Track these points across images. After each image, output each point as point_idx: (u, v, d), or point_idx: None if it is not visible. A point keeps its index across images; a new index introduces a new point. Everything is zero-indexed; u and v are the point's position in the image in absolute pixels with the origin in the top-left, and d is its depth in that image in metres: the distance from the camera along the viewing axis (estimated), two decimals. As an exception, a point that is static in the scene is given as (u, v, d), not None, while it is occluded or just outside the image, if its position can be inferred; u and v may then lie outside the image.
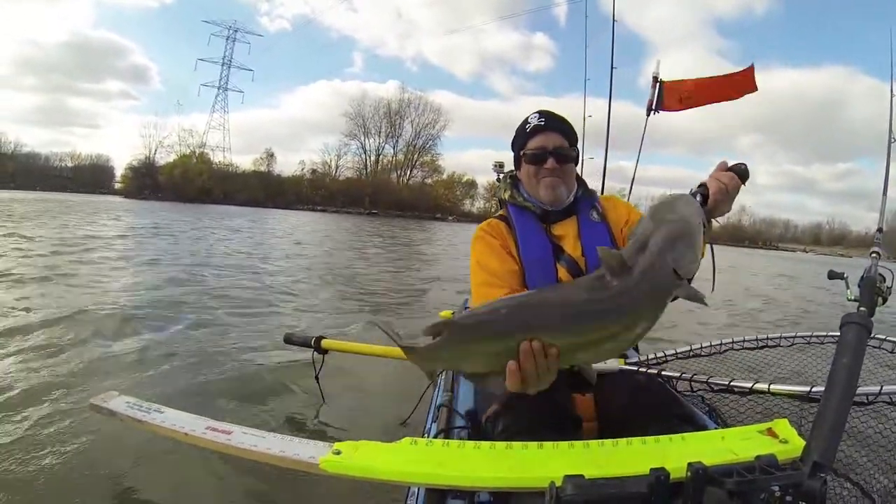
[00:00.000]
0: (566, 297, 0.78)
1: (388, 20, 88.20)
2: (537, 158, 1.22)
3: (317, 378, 2.02)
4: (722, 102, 2.53)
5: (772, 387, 1.14)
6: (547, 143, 1.22)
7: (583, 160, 1.38)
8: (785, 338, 1.41)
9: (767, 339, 1.42)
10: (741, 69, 2.54)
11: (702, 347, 1.44)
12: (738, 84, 2.51)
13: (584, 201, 1.28)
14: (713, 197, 0.89)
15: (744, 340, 1.44)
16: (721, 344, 1.44)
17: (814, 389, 1.09)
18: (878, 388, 1.04)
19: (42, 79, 74.85)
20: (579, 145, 1.31)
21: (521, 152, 1.25)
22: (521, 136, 1.26)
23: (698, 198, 0.90)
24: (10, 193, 28.54)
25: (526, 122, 1.26)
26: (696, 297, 0.77)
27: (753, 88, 2.50)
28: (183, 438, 1.10)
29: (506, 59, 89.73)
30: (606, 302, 0.74)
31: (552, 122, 1.24)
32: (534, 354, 0.74)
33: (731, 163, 0.96)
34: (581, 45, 3.40)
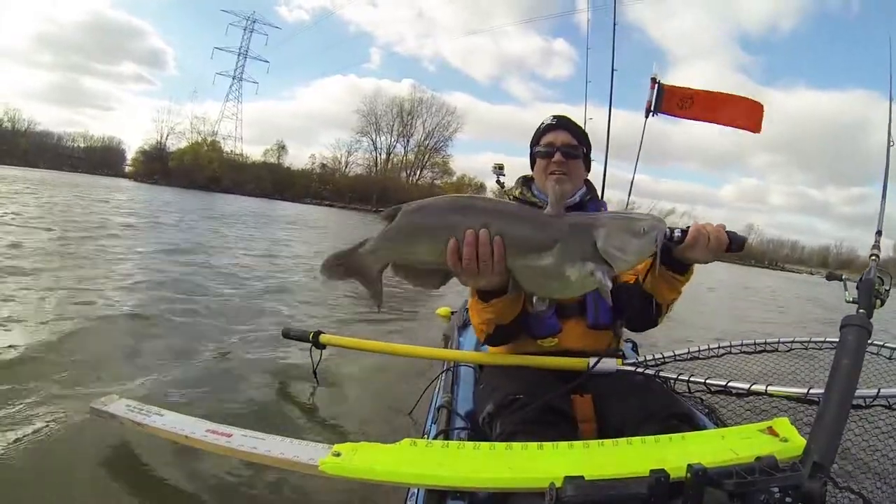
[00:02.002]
0: (503, 204, 0.93)
1: (409, 17, 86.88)
2: (546, 153, 1.33)
3: (315, 374, 2.01)
4: (720, 125, 2.43)
5: (769, 388, 1.14)
6: (556, 139, 1.33)
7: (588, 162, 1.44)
8: (783, 342, 1.42)
9: (766, 343, 1.42)
10: (752, 99, 2.38)
11: (700, 350, 1.44)
12: (742, 114, 2.38)
13: (590, 204, 1.37)
14: (690, 235, 0.97)
15: (742, 344, 1.44)
16: (719, 347, 1.44)
17: (811, 391, 1.09)
18: (876, 391, 1.04)
19: (58, 57, 75.81)
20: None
21: (534, 149, 1.38)
22: (535, 135, 1.39)
23: (677, 232, 0.97)
24: (19, 171, 28.49)
25: (541, 123, 1.39)
26: (602, 284, 0.83)
27: (756, 129, 2.35)
28: (183, 441, 1.10)
29: (525, 63, 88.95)
30: (531, 220, 0.86)
31: (562, 122, 1.36)
32: (477, 241, 0.82)
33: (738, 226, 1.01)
34: (600, 52, 3.40)
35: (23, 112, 50.32)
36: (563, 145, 1.31)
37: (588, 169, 1.42)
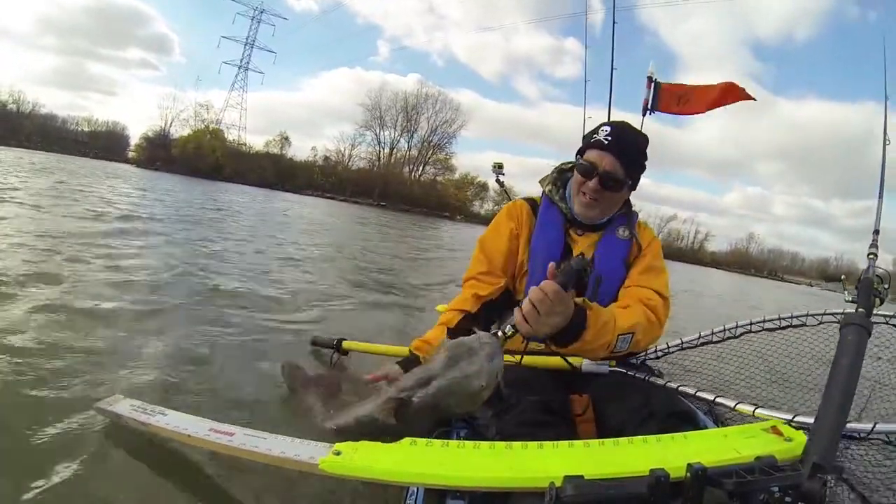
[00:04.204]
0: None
1: (419, 10, 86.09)
2: (584, 172, 1.19)
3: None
4: (721, 106, 2.53)
5: (757, 412, 1.03)
6: (601, 162, 1.16)
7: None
8: (783, 318, 1.33)
9: (780, 318, 1.32)
10: (726, 82, 2.53)
11: (701, 336, 1.41)
12: (732, 92, 2.52)
13: (619, 219, 1.28)
14: (519, 327, 0.93)
15: (749, 324, 1.35)
16: (724, 329, 1.38)
17: (796, 418, 0.93)
18: (871, 425, 0.93)
19: (63, 40, 74.38)
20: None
21: (578, 157, 1.23)
22: (585, 141, 1.22)
23: (507, 329, 0.94)
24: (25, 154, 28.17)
25: (596, 130, 1.21)
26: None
27: (747, 96, 2.50)
28: (186, 440, 1.10)
29: (534, 62, 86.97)
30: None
31: (614, 143, 1.16)
32: None
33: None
34: (607, 52, 3.35)
35: (27, 94, 49.98)
36: (605, 173, 1.16)
37: (634, 188, 1.26)
